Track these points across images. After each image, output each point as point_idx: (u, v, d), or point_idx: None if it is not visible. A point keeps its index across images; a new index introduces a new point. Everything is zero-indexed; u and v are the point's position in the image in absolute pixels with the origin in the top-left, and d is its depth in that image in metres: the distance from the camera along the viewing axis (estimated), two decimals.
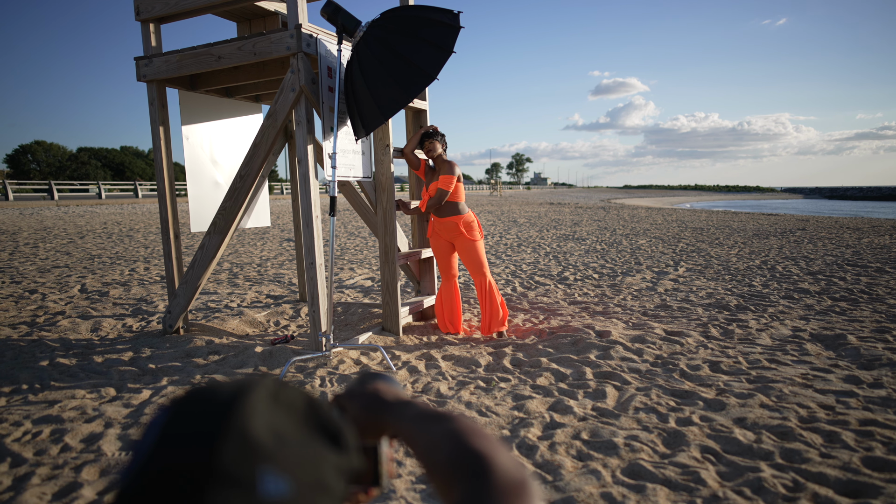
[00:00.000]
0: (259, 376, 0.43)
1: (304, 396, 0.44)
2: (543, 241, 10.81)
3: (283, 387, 0.43)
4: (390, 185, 4.07)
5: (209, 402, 0.40)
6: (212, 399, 0.40)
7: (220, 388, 0.41)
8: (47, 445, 2.44)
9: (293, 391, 0.43)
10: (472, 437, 0.48)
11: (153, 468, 0.36)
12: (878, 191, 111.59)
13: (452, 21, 3.42)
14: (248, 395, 0.40)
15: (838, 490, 2.02)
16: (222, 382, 0.42)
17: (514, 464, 0.45)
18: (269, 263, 7.94)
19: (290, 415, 0.41)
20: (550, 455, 2.32)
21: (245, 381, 0.42)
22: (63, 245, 10.20)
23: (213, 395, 0.40)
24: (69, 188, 31.57)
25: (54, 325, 4.48)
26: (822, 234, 11.66)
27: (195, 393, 0.41)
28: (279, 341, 3.95)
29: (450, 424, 0.50)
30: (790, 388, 2.99)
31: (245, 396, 0.40)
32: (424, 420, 0.52)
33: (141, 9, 3.92)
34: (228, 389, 0.41)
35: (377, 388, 0.60)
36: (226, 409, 0.39)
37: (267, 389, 0.41)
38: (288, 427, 0.40)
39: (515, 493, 0.42)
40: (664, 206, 34.88)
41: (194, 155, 4.29)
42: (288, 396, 0.42)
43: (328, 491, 0.40)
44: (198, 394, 0.41)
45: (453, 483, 0.45)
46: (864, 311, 4.70)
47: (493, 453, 0.46)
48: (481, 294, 4.09)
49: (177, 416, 0.39)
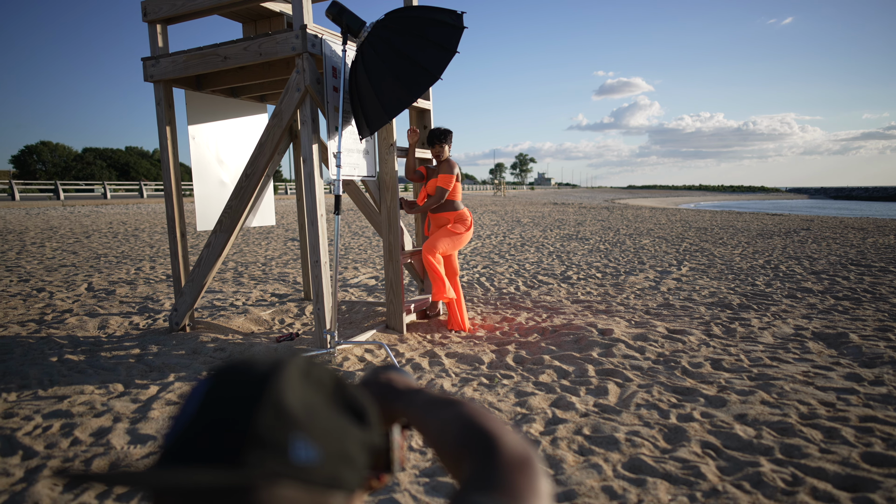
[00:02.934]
0: (291, 354, 0.46)
1: (332, 375, 0.47)
2: (547, 241, 10.83)
3: (314, 365, 0.46)
4: (394, 185, 4.10)
5: (248, 373, 0.43)
6: (250, 371, 0.43)
7: (257, 363, 0.44)
8: (57, 439, 2.49)
9: (323, 370, 0.46)
10: (479, 418, 0.50)
11: (197, 427, 0.40)
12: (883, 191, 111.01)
13: (456, 21, 3.45)
14: (282, 370, 0.43)
15: (837, 484, 2.04)
16: (258, 357, 0.45)
17: (518, 441, 0.48)
18: (273, 262, 7.99)
19: (320, 390, 0.44)
20: (552, 450, 2.35)
21: (279, 357, 0.45)
22: (69, 244, 10.29)
23: (251, 368, 0.43)
24: (75, 188, 31.74)
25: (62, 323, 4.53)
26: (826, 234, 11.64)
27: (235, 365, 0.44)
28: (284, 339, 3.99)
29: (458, 408, 0.53)
30: (791, 385, 3.01)
31: (280, 371, 0.43)
32: (434, 405, 0.55)
33: (148, 10, 3.97)
34: (265, 364, 0.44)
35: (389, 378, 0.63)
36: (263, 380, 0.42)
37: (299, 366, 0.44)
38: (318, 401, 0.43)
39: (520, 467, 0.45)
40: (668, 206, 34.82)
41: (200, 154, 4.33)
42: (318, 374, 0.45)
43: (352, 462, 0.43)
44: (237, 366, 0.44)
45: (462, 461, 0.48)
46: (866, 311, 4.71)
47: (498, 432, 0.49)
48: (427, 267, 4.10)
49: (219, 383, 0.42)
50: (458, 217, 4.11)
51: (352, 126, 3.77)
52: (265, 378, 0.42)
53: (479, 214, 19.87)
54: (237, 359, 0.45)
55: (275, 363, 0.44)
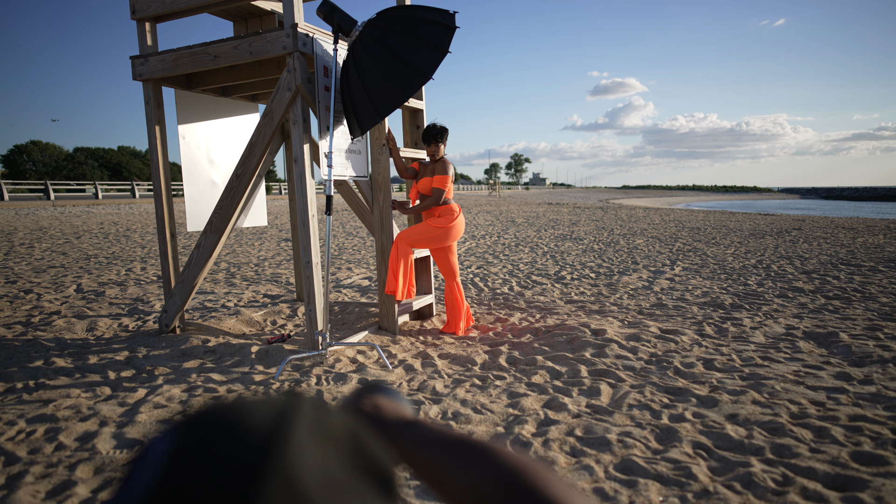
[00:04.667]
0: (294, 397, 0.33)
1: (348, 427, 0.34)
2: (541, 241, 10.83)
3: (326, 414, 0.33)
4: (387, 185, 4.08)
5: (238, 429, 0.29)
6: (241, 425, 0.29)
7: (250, 412, 0.30)
8: (41, 444, 2.45)
9: (337, 420, 0.34)
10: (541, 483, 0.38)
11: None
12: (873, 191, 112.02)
13: (448, 21, 3.43)
14: (289, 426, 0.30)
15: (826, 484, 2.04)
16: (249, 402, 0.31)
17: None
18: (266, 263, 7.95)
19: (337, 453, 0.31)
20: (544, 451, 2.33)
21: (281, 404, 0.32)
22: (59, 245, 10.19)
23: (242, 420, 0.29)
24: (65, 188, 31.50)
25: (49, 325, 4.48)
26: (817, 234, 11.71)
27: (217, 414, 0.30)
28: (276, 340, 3.96)
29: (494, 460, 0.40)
30: (782, 384, 3.01)
31: (286, 427, 0.30)
32: (452, 449, 0.43)
33: (137, 7, 3.93)
34: (262, 415, 0.30)
35: (377, 406, 0.52)
36: (264, 441, 0.28)
37: (309, 419, 0.31)
38: (337, 471, 0.30)
39: None
40: (662, 206, 34.97)
41: (191, 154, 4.30)
42: (332, 427, 0.32)
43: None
44: (221, 416, 0.30)
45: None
46: (856, 310, 4.73)
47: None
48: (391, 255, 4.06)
49: (192, 442, 0.28)
50: (443, 211, 4.07)
51: (343, 126, 3.75)
52: (267, 437, 0.28)
53: (473, 214, 19.87)
54: (218, 404, 0.31)
55: (277, 414, 0.30)
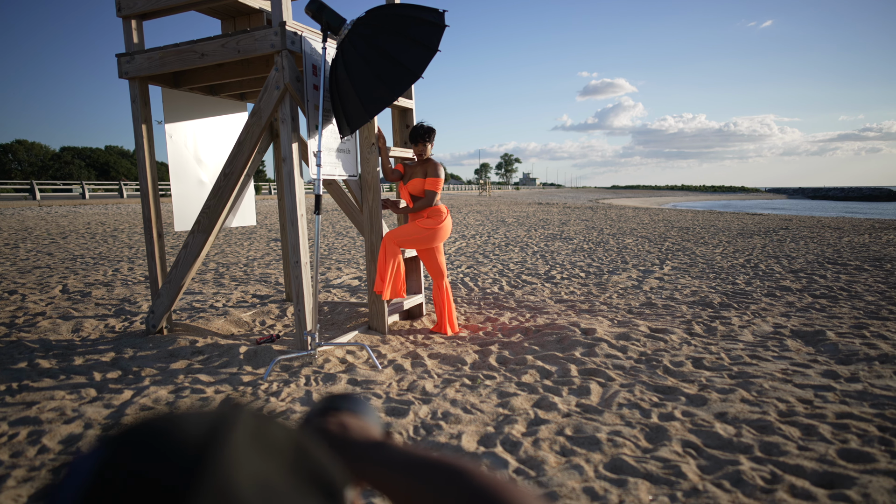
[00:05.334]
0: (233, 406, 0.32)
1: (290, 435, 0.33)
2: (531, 241, 10.85)
3: (266, 422, 0.32)
4: (376, 184, 4.06)
5: (171, 439, 0.28)
6: (175, 435, 0.28)
7: (185, 422, 0.29)
8: (24, 447, 2.41)
9: (278, 428, 0.33)
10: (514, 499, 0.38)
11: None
12: (858, 191, 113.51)
13: (437, 20, 3.42)
14: (225, 436, 0.29)
15: (814, 481, 2.05)
16: (184, 414, 0.30)
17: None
18: (255, 263, 7.89)
19: (277, 461, 0.30)
20: (534, 451, 2.33)
21: (218, 414, 0.31)
22: (44, 245, 10.05)
23: (176, 430, 0.29)
24: (52, 188, 31.11)
25: (34, 326, 4.41)
26: (804, 234, 11.84)
27: (149, 426, 0.29)
28: (264, 341, 3.93)
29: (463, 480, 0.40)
30: (770, 383, 3.03)
31: (222, 437, 0.29)
32: (420, 469, 0.42)
33: (122, 5, 3.88)
34: (198, 425, 0.29)
35: (343, 424, 0.49)
36: (199, 450, 0.27)
37: (247, 427, 0.31)
38: (276, 479, 0.29)
39: None
40: (651, 205, 35.17)
41: (178, 153, 4.25)
42: (272, 436, 0.32)
43: None
44: (153, 428, 0.29)
45: None
46: (843, 308, 4.78)
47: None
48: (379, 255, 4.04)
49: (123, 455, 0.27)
50: (431, 212, 4.07)
51: (332, 125, 3.72)
52: (202, 446, 0.28)
53: (463, 214, 19.88)
54: (148, 417, 0.30)
55: (213, 422, 0.30)
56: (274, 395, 2.99)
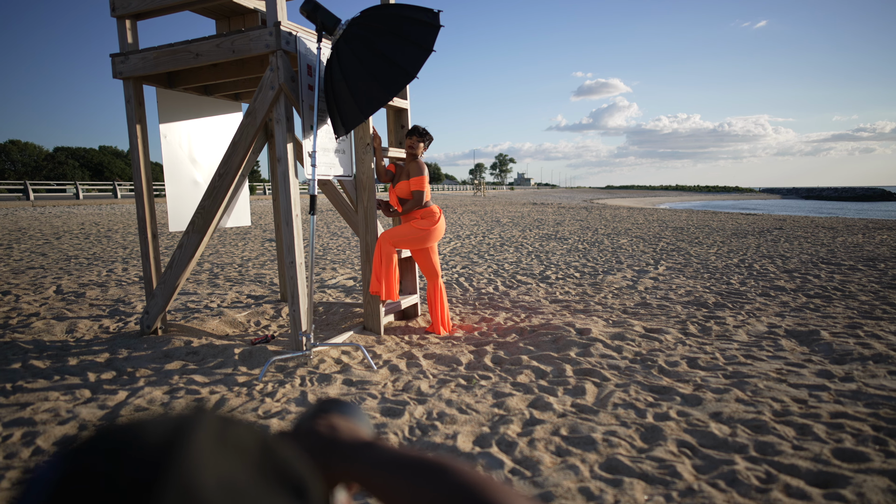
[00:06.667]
0: (198, 410, 0.33)
1: (256, 436, 0.34)
2: (526, 241, 10.86)
3: (230, 424, 0.33)
4: (371, 184, 4.06)
5: (134, 444, 0.28)
6: (137, 440, 0.28)
7: (147, 427, 0.29)
8: (18, 448, 2.39)
9: (243, 429, 0.33)
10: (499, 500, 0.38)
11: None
12: (852, 191, 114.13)
13: (432, 20, 3.42)
14: (188, 437, 0.29)
15: (809, 481, 2.06)
16: (149, 419, 0.31)
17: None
18: (250, 264, 7.86)
19: (242, 461, 0.31)
20: (530, 451, 2.33)
21: (181, 417, 0.31)
22: (38, 246, 9.99)
23: (139, 435, 0.29)
24: (45, 188, 30.93)
25: (28, 327, 4.39)
26: (798, 234, 11.90)
27: (111, 433, 0.29)
28: (259, 341, 3.91)
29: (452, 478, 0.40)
30: (765, 382, 3.04)
31: (185, 438, 0.29)
32: (409, 469, 0.43)
33: (117, 4, 3.86)
34: (160, 429, 0.30)
35: (332, 426, 0.49)
36: (161, 453, 0.28)
37: (211, 428, 0.31)
38: (240, 477, 0.30)
39: None
40: (646, 206, 35.28)
41: (172, 153, 4.23)
42: (237, 437, 0.32)
43: None
44: (115, 434, 0.29)
45: None
46: (837, 308, 4.80)
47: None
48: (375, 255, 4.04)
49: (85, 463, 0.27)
50: (425, 213, 4.07)
51: (327, 125, 3.72)
52: (164, 449, 0.28)
53: (458, 214, 19.88)
54: (109, 425, 0.30)
55: (175, 426, 0.30)
56: (269, 396, 2.98)
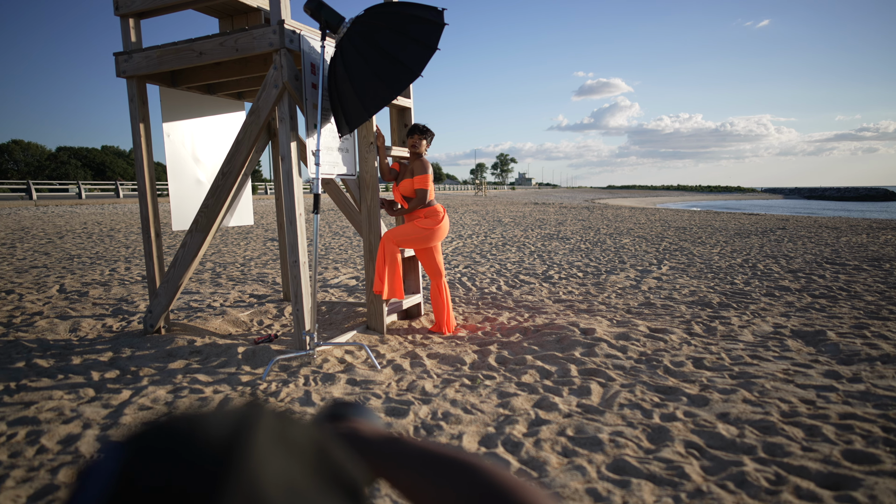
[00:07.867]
0: (254, 405, 0.32)
1: (312, 435, 0.33)
2: (528, 241, 10.84)
3: (289, 423, 0.32)
4: (375, 184, 4.04)
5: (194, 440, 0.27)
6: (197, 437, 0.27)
7: (207, 423, 0.28)
8: (23, 447, 2.38)
9: (300, 428, 0.33)
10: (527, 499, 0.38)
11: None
12: (855, 191, 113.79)
13: (436, 18, 3.40)
14: (249, 437, 0.28)
15: (819, 483, 2.04)
16: (203, 414, 0.30)
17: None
18: (252, 263, 7.86)
19: (301, 462, 0.30)
20: (536, 452, 2.31)
21: (240, 413, 0.30)
22: (41, 245, 10.00)
23: (198, 431, 0.28)
24: (48, 188, 30.97)
25: (31, 326, 4.38)
26: (801, 234, 11.86)
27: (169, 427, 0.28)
28: (262, 341, 3.90)
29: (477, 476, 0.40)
30: (772, 383, 3.02)
31: (247, 436, 0.28)
32: (434, 465, 0.42)
33: (120, 3, 3.85)
34: (220, 425, 0.28)
35: (353, 426, 0.49)
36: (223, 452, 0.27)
37: (270, 427, 0.30)
38: (300, 480, 0.29)
39: None
40: (647, 205, 35.22)
41: (176, 152, 4.22)
42: (295, 436, 0.31)
43: None
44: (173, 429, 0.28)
45: None
46: (842, 308, 4.78)
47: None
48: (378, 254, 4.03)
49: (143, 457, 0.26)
50: (428, 212, 4.06)
51: (331, 124, 3.70)
52: (226, 449, 0.27)
53: (460, 214, 19.86)
54: (171, 416, 0.29)
55: (237, 423, 0.29)
56: (273, 396, 2.97)
